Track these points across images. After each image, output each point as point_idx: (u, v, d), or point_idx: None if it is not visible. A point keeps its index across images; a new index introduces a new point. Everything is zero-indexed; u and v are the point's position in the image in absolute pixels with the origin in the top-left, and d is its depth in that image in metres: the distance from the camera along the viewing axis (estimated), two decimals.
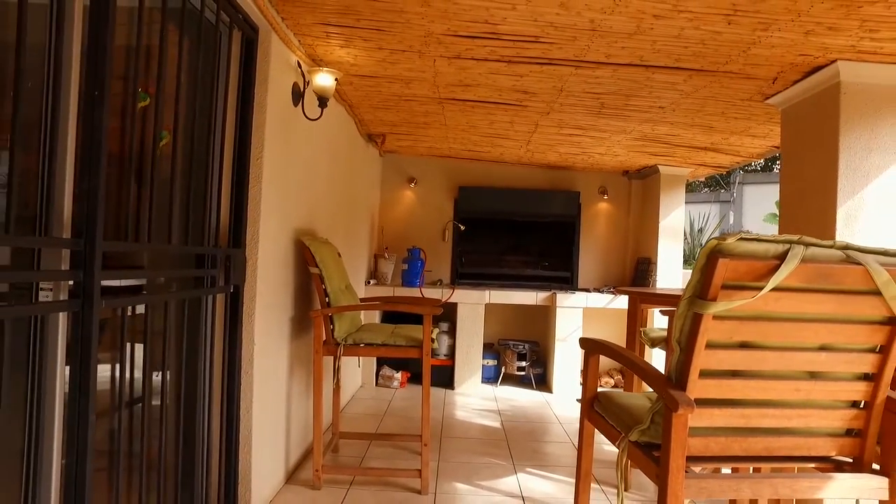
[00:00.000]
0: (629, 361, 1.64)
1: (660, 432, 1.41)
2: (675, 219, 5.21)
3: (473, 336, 4.91)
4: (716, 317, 1.33)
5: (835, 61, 2.46)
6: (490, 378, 5.19)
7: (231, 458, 2.23)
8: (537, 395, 4.92)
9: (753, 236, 1.30)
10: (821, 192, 2.58)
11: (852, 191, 2.48)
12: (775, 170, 12.74)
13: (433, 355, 2.77)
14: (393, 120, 4.12)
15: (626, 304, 3.42)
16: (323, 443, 2.74)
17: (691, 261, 8.13)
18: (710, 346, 1.36)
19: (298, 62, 2.71)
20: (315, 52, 2.77)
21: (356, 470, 2.98)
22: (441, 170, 5.55)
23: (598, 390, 1.85)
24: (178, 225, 1.84)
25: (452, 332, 5.01)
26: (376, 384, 4.94)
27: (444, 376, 4.94)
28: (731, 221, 12.38)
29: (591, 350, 1.87)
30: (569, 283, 5.41)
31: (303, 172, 2.90)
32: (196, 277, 2.05)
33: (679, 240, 5.26)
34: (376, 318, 4.82)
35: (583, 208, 5.55)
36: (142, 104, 1.64)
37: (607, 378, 5.20)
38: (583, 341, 1.90)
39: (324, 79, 2.74)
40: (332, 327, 2.75)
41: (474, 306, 4.90)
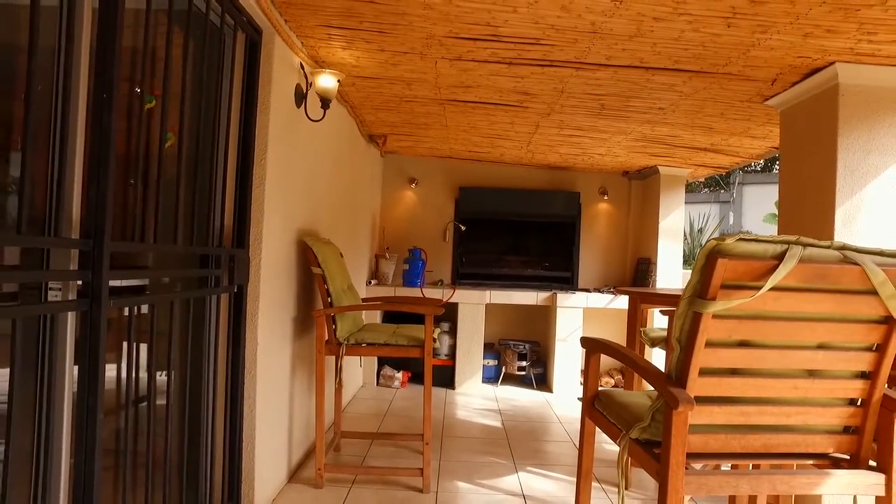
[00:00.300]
0: (630, 360, 1.65)
1: (660, 430, 1.43)
2: (674, 219, 5.23)
3: (474, 336, 4.93)
4: (715, 316, 1.35)
5: (833, 63, 2.48)
6: (491, 378, 5.21)
7: (235, 456, 2.25)
8: (538, 394, 4.94)
9: (752, 237, 1.32)
10: (819, 193, 2.60)
11: (850, 192, 2.50)
12: (775, 170, 12.77)
13: (434, 355, 2.79)
14: (394, 121, 4.15)
15: (626, 305, 3.44)
16: (325, 442, 2.76)
17: (691, 261, 8.15)
18: (710, 344, 1.38)
19: (301, 64, 2.73)
20: (317, 54, 2.79)
21: (358, 469, 2.99)
22: (442, 170, 5.57)
23: (599, 389, 1.87)
24: (183, 225, 1.86)
25: (453, 332, 5.03)
26: (377, 384, 4.96)
27: (444, 376, 4.96)
28: (731, 222, 12.40)
29: (592, 349, 1.89)
30: (569, 283, 5.43)
31: (305, 173, 2.92)
32: (200, 277, 2.08)
33: (679, 240, 5.28)
34: (377, 319, 4.85)
35: (583, 209, 5.57)
36: (148, 106, 1.66)
37: (607, 378, 5.22)
38: (584, 340, 1.92)
39: (326, 80, 2.76)
40: (334, 327, 2.77)
41: (475, 306, 4.92)
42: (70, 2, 1.32)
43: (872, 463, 1.51)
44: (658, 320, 4.53)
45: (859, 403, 1.50)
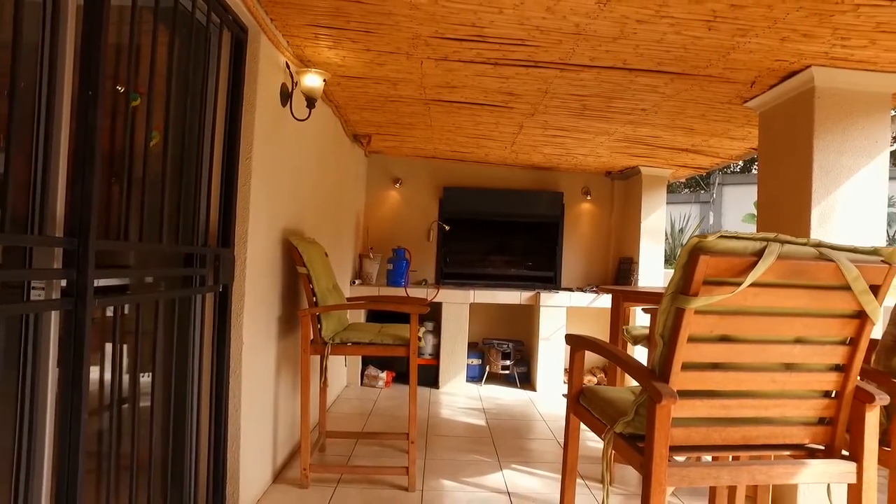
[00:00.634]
0: (615, 356, 1.69)
1: (644, 423, 1.46)
2: (656, 219, 5.30)
3: (458, 335, 4.95)
4: (697, 311, 1.38)
5: (809, 67, 2.54)
6: (475, 377, 5.24)
7: (219, 457, 2.24)
8: (521, 393, 4.98)
9: (733, 234, 1.36)
10: (796, 193, 2.66)
11: (826, 192, 2.57)
12: (753, 171, 12.99)
13: (418, 354, 2.80)
14: (379, 121, 4.15)
15: (609, 303, 3.48)
16: (310, 442, 2.76)
17: (672, 260, 8.27)
18: (692, 339, 1.41)
19: (287, 63, 2.73)
20: (303, 53, 2.79)
21: (343, 468, 2.99)
22: (426, 170, 5.58)
23: (584, 385, 1.90)
24: (168, 224, 1.85)
25: (437, 332, 5.04)
26: (361, 384, 4.95)
27: (429, 375, 4.98)
28: (711, 222, 12.59)
29: (577, 346, 1.92)
30: (552, 282, 5.48)
31: (290, 172, 2.91)
32: (185, 277, 2.06)
33: (660, 240, 5.35)
34: (361, 318, 4.84)
35: (566, 208, 5.62)
36: (133, 104, 1.65)
37: (590, 376, 5.27)
38: (569, 337, 1.95)
39: (312, 80, 2.76)
40: (319, 326, 2.76)
41: (459, 306, 4.94)
42: None
43: (845, 452, 1.56)
44: (640, 318, 4.59)
45: (833, 395, 1.54)
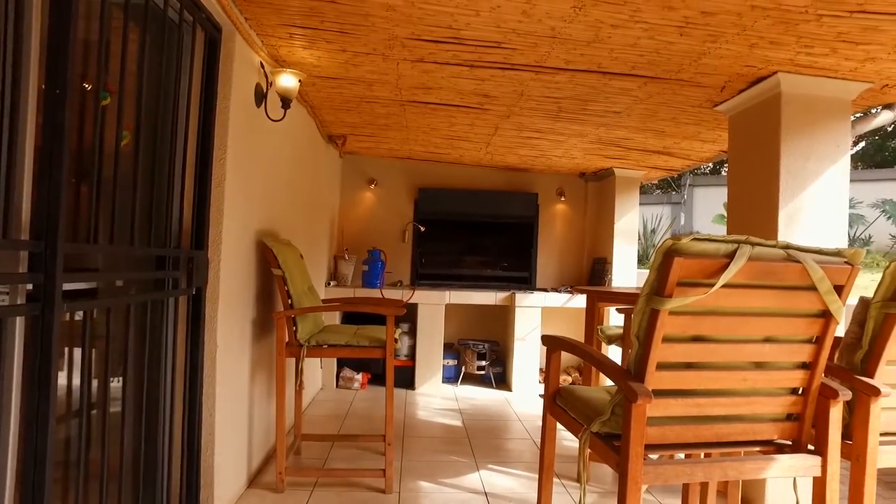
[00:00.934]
0: (591, 356, 1.71)
1: (620, 423, 1.49)
2: (629, 220, 5.39)
3: (434, 336, 4.95)
4: (671, 312, 1.41)
5: (776, 73, 2.62)
6: (450, 378, 5.24)
7: (193, 462, 2.20)
8: (497, 393, 5.00)
9: (705, 237, 1.39)
10: (765, 195, 2.74)
11: (792, 194, 2.64)
12: (723, 173, 13.30)
13: (394, 356, 2.79)
14: (354, 121, 4.12)
15: (584, 303, 3.53)
16: (286, 445, 2.73)
17: (645, 260, 8.41)
18: (667, 339, 1.44)
19: (261, 63, 2.69)
20: (278, 53, 2.76)
21: (319, 472, 2.97)
22: (401, 171, 5.57)
23: (560, 385, 1.92)
24: (139, 226, 1.80)
25: (413, 333, 5.03)
26: (336, 386, 4.92)
27: (405, 377, 4.97)
28: (682, 222, 12.85)
29: (553, 346, 1.94)
30: (527, 282, 5.52)
31: (265, 174, 2.88)
32: (157, 280, 2.02)
33: (634, 240, 5.44)
34: (336, 320, 4.80)
35: (541, 210, 5.67)
36: (103, 103, 1.61)
37: (565, 376, 5.33)
38: (545, 338, 1.97)
39: (287, 80, 2.73)
40: (295, 329, 2.73)
41: (434, 307, 4.94)
42: None
43: (811, 447, 1.62)
44: (614, 318, 4.66)
45: (800, 392, 1.60)
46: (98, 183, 1.59)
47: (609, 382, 2.92)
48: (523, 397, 4.88)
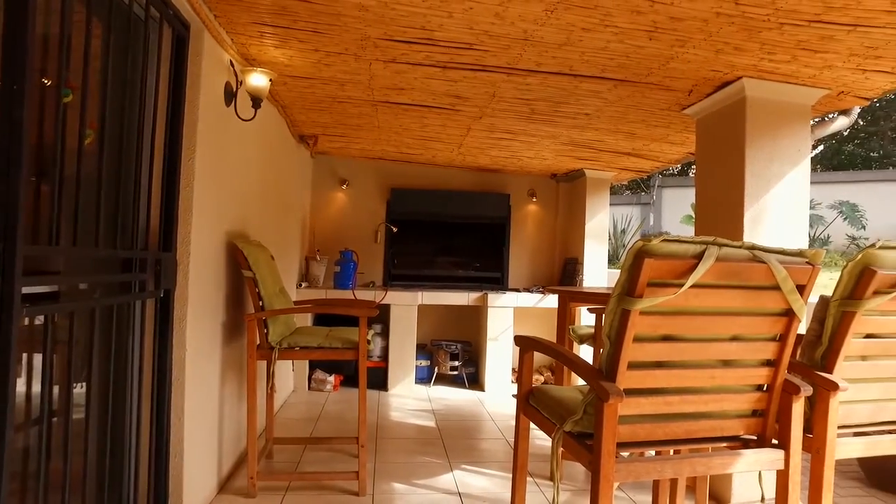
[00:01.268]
0: (563, 356, 1.73)
1: (592, 422, 1.51)
2: (600, 220, 5.47)
3: (406, 337, 4.94)
4: (642, 312, 1.43)
5: (741, 78, 2.69)
6: (423, 378, 5.24)
7: (161, 468, 2.14)
8: (470, 393, 5.02)
9: (675, 238, 1.42)
10: (731, 197, 2.81)
11: (757, 196, 2.72)
12: (690, 174, 13.60)
13: (367, 357, 2.77)
14: (326, 121, 4.09)
15: (555, 303, 3.56)
16: (257, 449, 2.69)
17: (615, 260, 8.55)
18: (638, 339, 1.46)
19: (231, 61, 2.65)
20: (248, 52, 2.71)
21: (292, 475, 2.93)
22: (373, 172, 5.54)
23: (533, 385, 1.93)
24: (104, 228, 1.75)
25: (385, 334, 5.01)
26: (308, 388, 4.86)
27: (377, 378, 4.94)
28: (651, 223, 13.09)
29: (525, 347, 1.95)
30: (499, 283, 5.55)
31: (234, 174, 2.83)
32: (124, 282, 1.97)
33: (604, 240, 5.52)
34: (308, 321, 4.75)
35: (513, 210, 5.71)
36: (65, 100, 1.56)
37: (537, 375, 5.37)
38: (518, 339, 1.98)
39: (258, 79, 2.69)
40: (266, 331, 2.69)
41: (407, 308, 4.93)
42: None
43: (774, 441, 1.66)
44: (586, 318, 4.72)
45: (765, 388, 1.64)
46: (60, 182, 1.54)
47: (581, 382, 2.96)
48: (496, 397, 4.91)
